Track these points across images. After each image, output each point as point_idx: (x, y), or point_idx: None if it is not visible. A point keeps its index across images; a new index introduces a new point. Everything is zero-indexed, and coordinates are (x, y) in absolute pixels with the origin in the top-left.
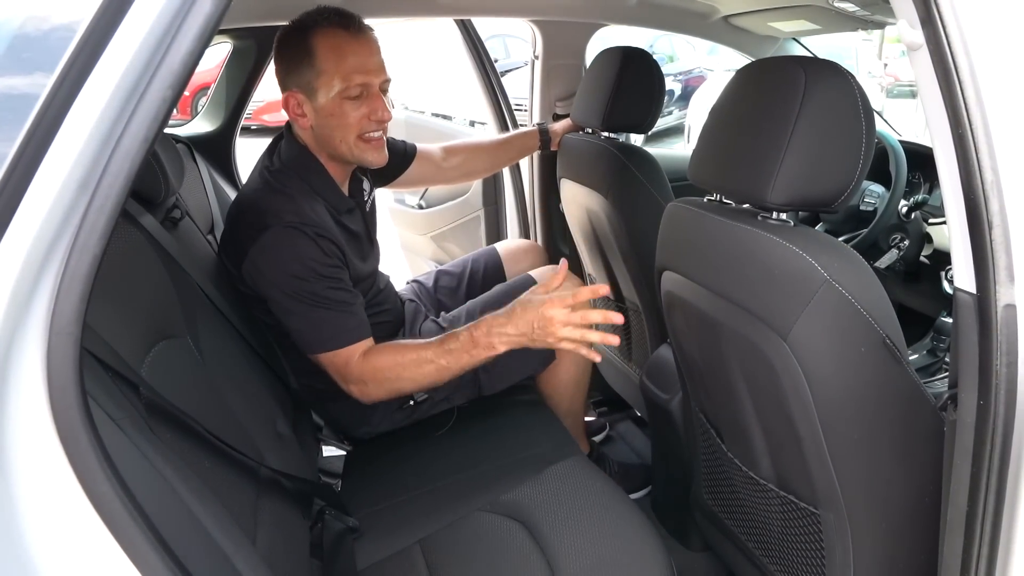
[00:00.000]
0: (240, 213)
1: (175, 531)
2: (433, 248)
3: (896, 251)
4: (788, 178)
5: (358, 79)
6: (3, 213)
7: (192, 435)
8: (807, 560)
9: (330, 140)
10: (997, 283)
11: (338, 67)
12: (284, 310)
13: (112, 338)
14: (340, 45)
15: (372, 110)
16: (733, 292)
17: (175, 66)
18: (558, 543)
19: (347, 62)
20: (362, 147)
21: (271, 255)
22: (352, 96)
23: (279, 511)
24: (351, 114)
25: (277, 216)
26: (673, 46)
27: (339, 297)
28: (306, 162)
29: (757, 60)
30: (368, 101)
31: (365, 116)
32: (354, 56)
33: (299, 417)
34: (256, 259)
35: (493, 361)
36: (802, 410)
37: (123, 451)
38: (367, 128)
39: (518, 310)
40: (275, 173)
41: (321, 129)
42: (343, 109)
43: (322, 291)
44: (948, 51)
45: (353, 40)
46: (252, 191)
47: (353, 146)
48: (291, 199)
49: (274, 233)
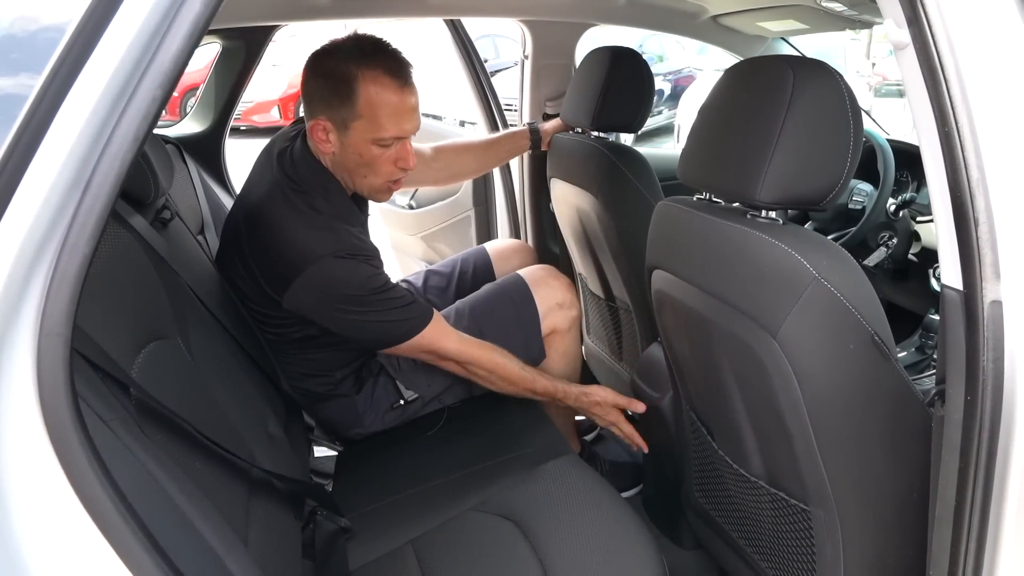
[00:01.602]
0: (273, 238)
1: (167, 532)
2: (423, 248)
3: (884, 249)
4: (777, 176)
5: (395, 132)
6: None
7: (183, 436)
8: (798, 557)
9: (352, 174)
10: (984, 280)
11: (377, 117)
12: (347, 325)
13: (102, 339)
14: (386, 98)
15: (400, 158)
16: (723, 290)
17: (165, 65)
18: (550, 542)
19: (389, 115)
20: (382, 189)
21: (323, 287)
22: (382, 145)
23: (271, 512)
24: (379, 159)
25: (318, 248)
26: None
27: (397, 294)
28: (327, 183)
29: (746, 59)
30: (398, 148)
31: (392, 162)
32: (397, 110)
33: (290, 418)
34: (304, 291)
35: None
36: (792, 407)
37: (114, 452)
38: (392, 174)
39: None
40: (301, 196)
41: (345, 161)
42: (372, 153)
43: (382, 298)
44: (934, 50)
45: (399, 93)
46: (280, 215)
47: (376, 188)
48: (328, 228)
49: (320, 266)
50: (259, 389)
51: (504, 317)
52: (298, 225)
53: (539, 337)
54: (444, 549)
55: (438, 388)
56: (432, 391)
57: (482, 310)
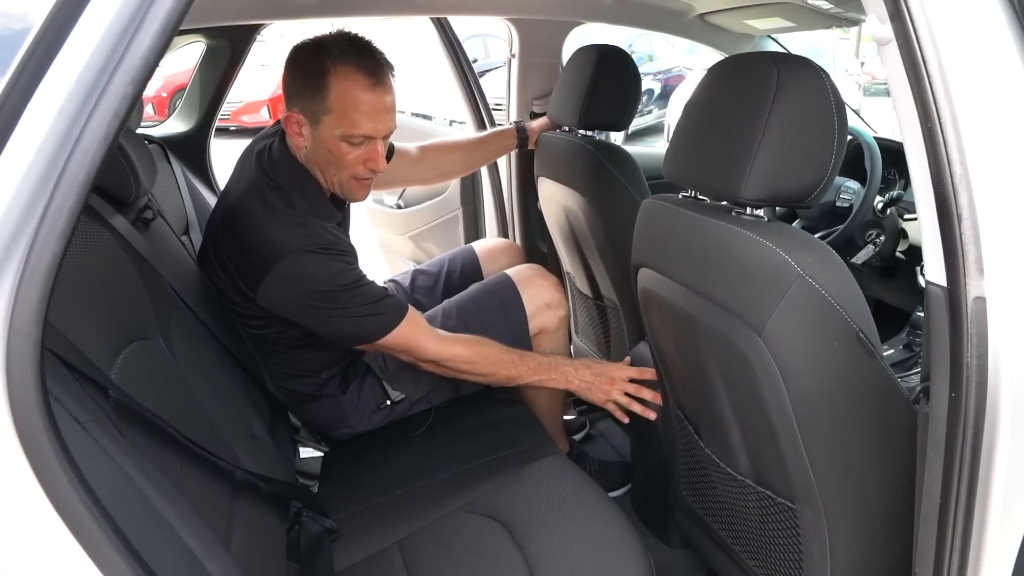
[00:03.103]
0: (247, 235)
1: (143, 534)
2: (411, 248)
3: (872, 247)
4: (761, 173)
5: (364, 130)
6: None
7: (164, 438)
8: (785, 555)
9: (323, 170)
10: (967, 276)
11: (347, 113)
12: (319, 321)
13: (80, 340)
14: (356, 93)
15: (369, 158)
16: (708, 288)
17: (136, 62)
18: (537, 542)
19: (358, 112)
20: (352, 185)
21: (293, 282)
22: (351, 142)
23: (254, 513)
24: (348, 156)
25: (290, 243)
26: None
27: (370, 290)
28: (303, 181)
29: (730, 56)
30: (368, 148)
31: (361, 162)
32: (367, 108)
33: (275, 419)
34: (275, 286)
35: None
36: (777, 405)
37: (89, 454)
38: (360, 173)
39: (595, 364)
40: (278, 194)
41: (315, 156)
42: (341, 149)
43: (353, 294)
44: (917, 46)
45: (370, 90)
46: (254, 213)
47: (344, 183)
48: (301, 224)
49: (290, 261)
50: (243, 390)
51: (492, 317)
52: (272, 221)
53: (527, 338)
54: (430, 550)
55: (425, 388)
56: (419, 391)
57: (470, 310)
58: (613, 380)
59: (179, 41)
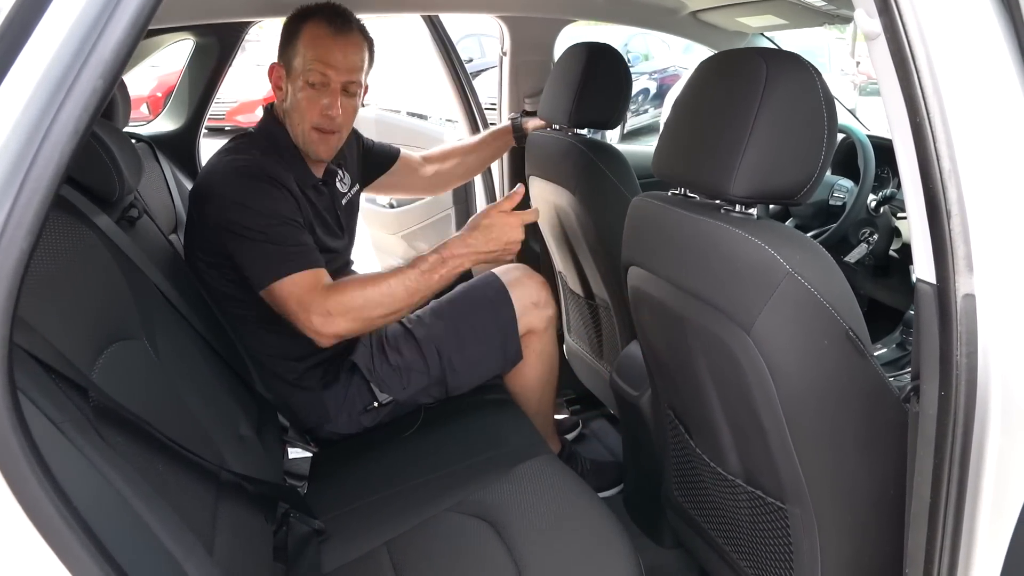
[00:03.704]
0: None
1: (118, 537)
2: (404, 247)
3: (866, 245)
4: (750, 170)
5: (319, 67)
6: None
7: (145, 439)
8: (776, 555)
9: (291, 120)
10: (956, 273)
11: (307, 52)
12: (232, 244)
13: (58, 340)
14: (319, 35)
15: (324, 105)
16: (697, 286)
17: (106, 56)
18: (525, 542)
19: (316, 51)
20: (313, 138)
21: (220, 188)
22: (311, 83)
23: (239, 515)
24: (308, 101)
25: (232, 162)
26: (648, 45)
27: (287, 231)
28: (278, 133)
29: (720, 52)
30: (326, 95)
31: (319, 108)
32: (325, 48)
33: (263, 419)
34: (204, 192)
35: (458, 360)
36: (767, 404)
37: (63, 455)
38: (319, 123)
39: (482, 230)
40: (245, 137)
41: (288, 106)
42: (304, 95)
43: (270, 225)
44: (905, 39)
45: (331, 36)
46: (214, 161)
47: (306, 135)
48: (251, 155)
49: (225, 172)
50: (230, 390)
51: (482, 318)
52: (224, 157)
53: (516, 337)
54: (419, 551)
55: (413, 390)
56: (407, 393)
57: (459, 311)
58: (516, 243)
59: (167, 39)
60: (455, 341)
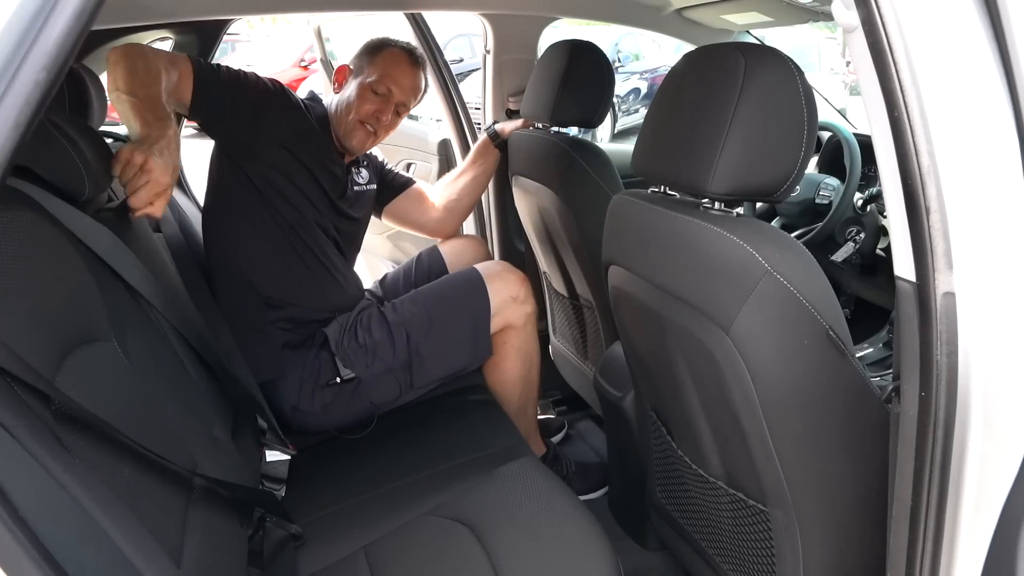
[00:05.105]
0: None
1: (72, 546)
2: (390, 248)
3: (852, 244)
4: (728, 167)
5: (389, 82)
6: None
7: (110, 443)
8: (758, 558)
9: (340, 110)
10: (936, 270)
11: (381, 68)
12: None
13: (16, 343)
14: (398, 60)
15: (379, 109)
16: (675, 285)
17: (49, 47)
18: (504, 546)
19: (391, 69)
20: (355, 127)
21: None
22: (377, 91)
23: (211, 520)
24: (366, 101)
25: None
26: (639, 44)
27: (250, 78)
28: (321, 112)
29: (698, 47)
30: (382, 103)
31: (371, 109)
32: (397, 71)
33: (240, 421)
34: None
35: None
36: (746, 405)
37: (13, 460)
38: (368, 118)
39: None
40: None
41: (341, 99)
42: (363, 94)
43: (233, 71)
44: (883, 32)
45: (405, 63)
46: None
47: (350, 124)
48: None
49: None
50: (206, 391)
51: (456, 308)
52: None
53: (487, 329)
54: (397, 555)
55: (376, 370)
56: (369, 372)
57: (435, 297)
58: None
59: (146, 36)
60: (426, 328)
